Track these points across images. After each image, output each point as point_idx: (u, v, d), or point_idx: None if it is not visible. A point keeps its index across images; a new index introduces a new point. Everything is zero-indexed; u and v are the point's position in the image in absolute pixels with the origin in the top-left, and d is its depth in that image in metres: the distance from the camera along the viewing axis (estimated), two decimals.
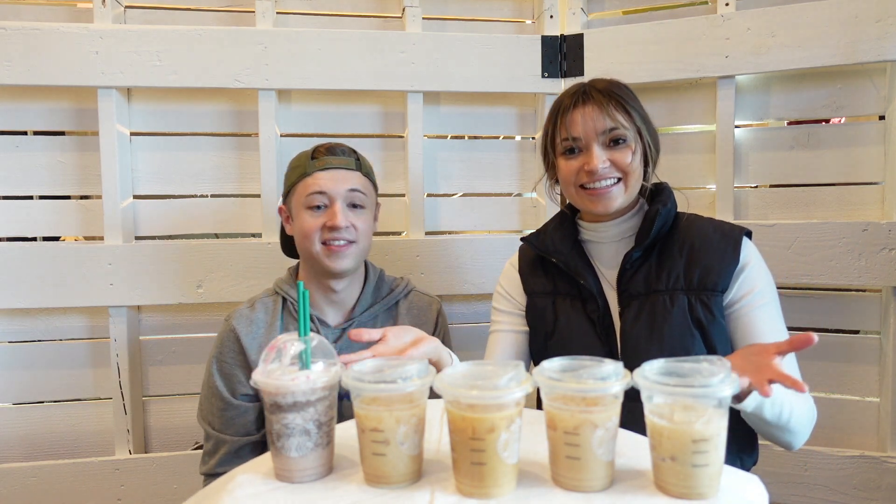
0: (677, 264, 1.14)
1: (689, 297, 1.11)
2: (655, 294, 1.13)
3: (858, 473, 1.54)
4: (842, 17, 1.48)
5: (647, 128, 1.17)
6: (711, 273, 1.11)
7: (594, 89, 1.15)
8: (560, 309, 1.21)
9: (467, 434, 0.70)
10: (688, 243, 1.15)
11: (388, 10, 1.74)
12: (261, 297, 1.36)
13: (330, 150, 1.30)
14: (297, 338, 0.81)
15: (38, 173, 1.62)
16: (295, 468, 0.77)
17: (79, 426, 1.67)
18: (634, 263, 1.16)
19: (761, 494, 0.72)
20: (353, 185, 1.28)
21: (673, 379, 0.70)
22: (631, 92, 1.19)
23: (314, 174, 1.27)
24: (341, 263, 1.27)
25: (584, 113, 1.13)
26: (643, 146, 1.16)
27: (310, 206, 1.26)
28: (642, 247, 1.15)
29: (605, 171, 1.13)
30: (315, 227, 1.26)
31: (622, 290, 1.16)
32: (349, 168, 1.29)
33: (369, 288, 1.36)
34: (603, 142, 1.14)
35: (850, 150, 1.57)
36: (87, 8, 1.59)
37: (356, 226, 1.27)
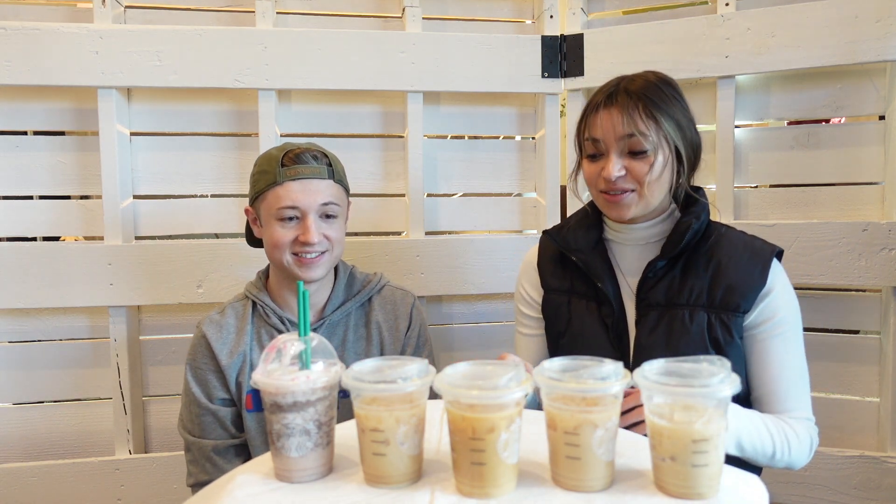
0: (702, 279, 1.09)
1: (710, 315, 1.08)
2: (675, 307, 1.09)
3: (858, 473, 1.54)
4: (842, 17, 1.48)
5: (681, 134, 1.10)
6: (735, 293, 1.07)
7: (624, 90, 1.09)
8: (574, 309, 1.18)
9: (467, 434, 0.70)
10: (715, 259, 1.10)
11: (388, 10, 1.74)
12: (231, 303, 1.34)
13: (299, 157, 1.24)
14: (296, 338, 0.81)
15: (38, 173, 1.62)
16: (295, 468, 0.77)
17: (79, 426, 1.67)
18: (658, 272, 1.12)
19: (761, 494, 0.72)
20: (326, 197, 1.23)
21: (673, 379, 0.70)
22: (671, 92, 1.11)
23: (284, 184, 1.22)
24: (313, 273, 1.25)
25: (609, 115, 1.08)
26: (672, 154, 1.09)
27: (281, 218, 1.22)
28: (668, 257, 1.11)
29: (621, 180, 1.08)
30: (286, 240, 1.22)
31: (641, 299, 1.12)
32: (321, 177, 1.24)
33: (340, 286, 1.33)
34: (621, 148, 1.08)
35: (850, 150, 1.56)
36: (87, 8, 1.59)
37: (329, 236, 1.24)
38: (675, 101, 1.10)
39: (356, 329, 1.33)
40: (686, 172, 1.12)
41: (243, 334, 1.29)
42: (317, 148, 1.28)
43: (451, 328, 1.80)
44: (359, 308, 1.35)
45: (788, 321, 1.10)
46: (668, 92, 1.10)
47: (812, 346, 1.60)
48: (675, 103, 1.10)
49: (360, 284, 1.37)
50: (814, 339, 1.61)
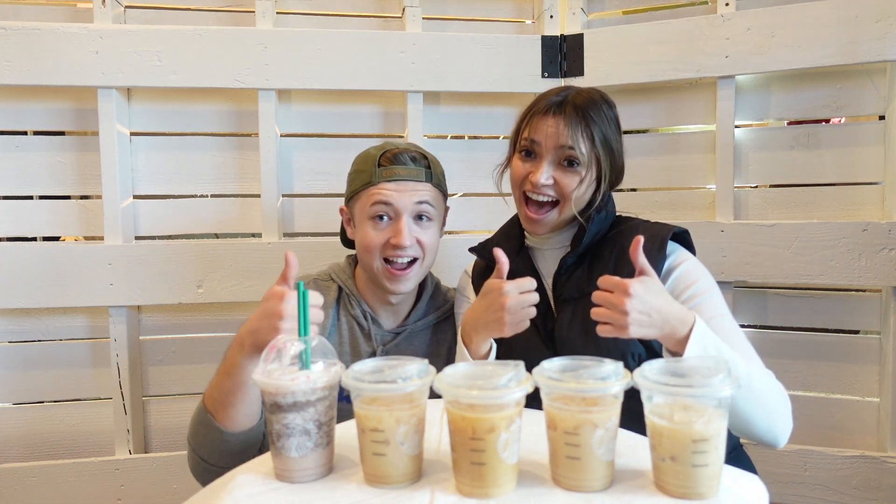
0: (607, 267, 1.13)
1: None
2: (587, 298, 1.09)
3: (858, 473, 1.54)
4: (842, 17, 1.48)
5: (610, 158, 1.15)
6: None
7: (571, 104, 1.13)
8: None
9: (467, 434, 0.70)
10: (618, 246, 1.15)
11: (388, 10, 1.74)
12: (314, 279, 1.31)
13: (398, 157, 1.21)
14: (296, 338, 0.81)
15: (38, 173, 1.62)
16: (295, 468, 0.77)
17: (79, 426, 1.67)
18: (569, 269, 1.16)
19: (761, 494, 0.72)
20: (422, 197, 1.21)
21: (673, 379, 0.70)
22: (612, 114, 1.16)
23: (380, 184, 1.20)
24: (402, 287, 1.22)
25: (554, 123, 1.12)
26: (595, 175, 1.14)
27: (373, 217, 1.20)
28: (576, 253, 1.15)
29: (546, 188, 1.13)
30: (378, 242, 1.20)
31: (557, 295, 1.17)
32: (418, 179, 1.22)
33: (425, 297, 1.32)
34: (556, 157, 1.13)
35: (850, 150, 1.56)
36: (87, 8, 1.59)
37: (422, 241, 1.21)
38: (612, 123, 1.16)
39: (430, 345, 1.30)
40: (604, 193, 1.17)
41: (327, 318, 1.25)
42: (416, 149, 1.25)
43: None
44: (436, 323, 1.33)
45: (704, 288, 1.10)
46: (608, 113, 1.15)
47: (812, 346, 1.60)
48: (611, 126, 1.15)
49: (442, 298, 1.36)
50: (814, 339, 1.61)
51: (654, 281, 0.95)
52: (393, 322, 1.31)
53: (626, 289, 0.91)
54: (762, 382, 1.02)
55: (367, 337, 1.27)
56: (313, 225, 1.73)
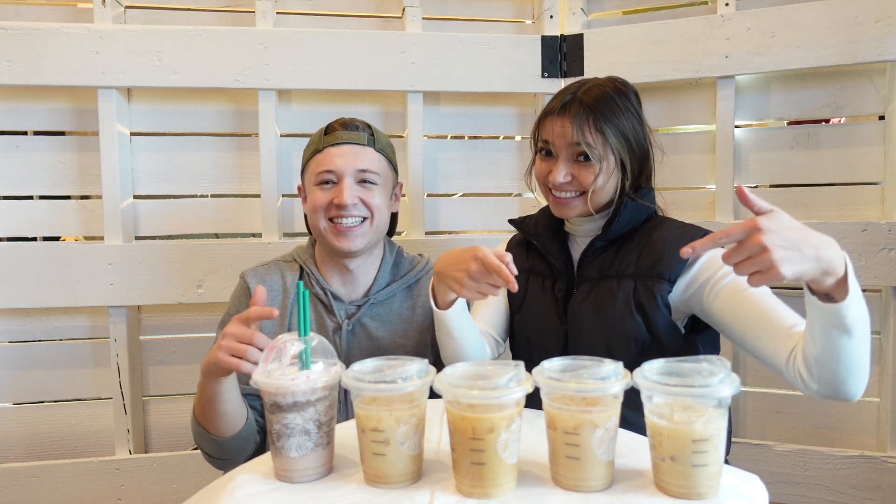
0: (632, 253, 1.15)
1: (636, 282, 1.12)
2: (607, 279, 1.16)
3: (858, 473, 1.54)
4: (842, 17, 1.48)
5: (627, 147, 1.15)
6: (661, 262, 1.11)
7: (579, 101, 1.14)
8: (531, 286, 1.24)
9: (467, 434, 0.70)
10: (647, 239, 1.16)
11: (388, 10, 1.74)
12: (277, 261, 1.33)
13: (343, 124, 1.27)
14: (297, 338, 0.81)
15: (38, 173, 1.62)
16: (295, 468, 0.77)
17: (79, 426, 1.67)
18: (597, 251, 1.18)
19: (761, 494, 0.72)
20: (363, 164, 1.24)
21: (673, 379, 0.70)
22: (625, 103, 1.16)
23: (325, 150, 1.25)
24: (350, 244, 1.23)
25: (561, 123, 1.14)
26: (616, 166, 1.15)
27: (319, 183, 1.24)
28: (606, 237, 1.17)
29: (565, 185, 1.16)
30: (322, 203, 1.23)
31: (580, 274, 1.19)
32: (360, 143, 1.26)
33: (386, 266, 1.33)
34: (569, 155, 1.15)
35: (850, 150, 1.56)
36: (87, 8, 1.59)
37: (367, 202, 1.24)
38: (626, 112, 1.16)
39: (400, 312, 1.32)
40: (630, 179, 1.17)
41: (287, 297, 1.28)
42: (362, 120, 1.30)
43: None
44: (405, 290, 1.33)
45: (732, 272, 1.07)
46: (621, 103, 1.15)
47: None
48: (626, 115, 1.15)
49: (407, 265, 1.36)
50: None
51: (782, 215, 0.84)
52: (356, 294, 1.31)
53: (755, 224, 0.80)
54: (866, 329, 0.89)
55: (329, 312, 1.27)
56: None
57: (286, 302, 1.28)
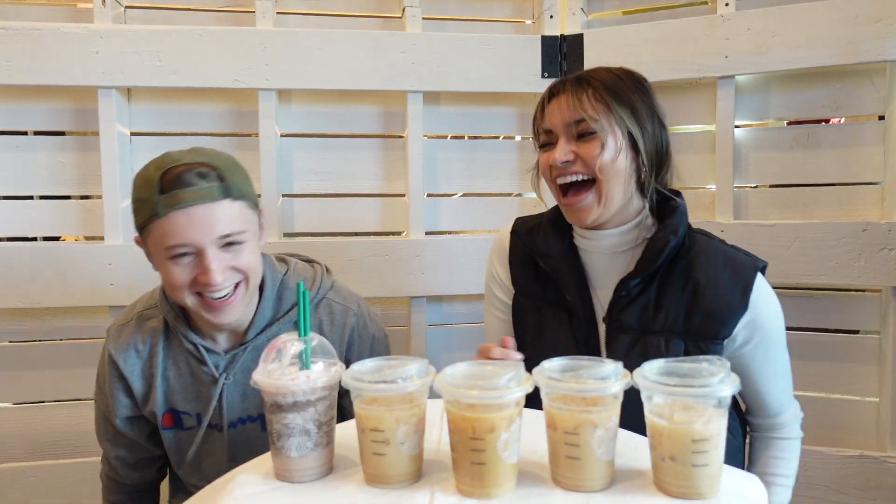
0: (678, 303, 1.02)
1: (687, 343, 1.01)
2: (650, 334, 1.02)
3: (858, 473, 1.54)
4: (842, 17, 1.48)
5: (636, 121, 1.02)
6: (715, 320, 1.00)
7: (575, 79, 1.05)
8: (545, 319, 1.10)
9: (467, 434, 0.70)
10: (693, 279, 1.02)
11: (388, 10, 1.74)
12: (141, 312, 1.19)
13: (181, 178, 0.99)
14: (297, 338, 0.81)
15: (38, 173, 1.62)
16: (295, 468, 0.77)
17: (79, 426, 1.67)
18: (631, 291, 1.03)
19: (761, 494, 0.73)
20: (223, 227, 1.01)
21: (673, 379, 0.70)
22: (634, 83, 1.06)
23: (168, 216, 0.98)
24: (227, 317, 1.06)
25: (557, 103, 1.04)
26: (626, 142, 1.01)
27: (171, 258, 1.01)
28: (642, 277, 1.02)
29: (569, 165, 1.01)
30: (184, 282, 1.03)
31: (613, 320, 1.04)
32: (211, 199, 1.00)
33: (267, 304, 1.14)
34: (570, 133, 1.03)
35: (850, 150, 1.56)
36: (87, 8, 1.59)
37: (239, 267, 1.04)
38: (636, 91, 1.05)
39: None
40: (650, 168, 1.03)
41: (156, 356, 1.15)
42: (202, 159, 1.03)
43: (451, 328, 1.79)
44: (291, 325, 1.15)
45: (772, 336, 1.05)
46: (628, 82, 1.05)
47: (812, 346, 1.60)
48: (636, 93, 1.04)
49: (292, 298, 1.16)
50: (814, 339, 1.61)
51: None
52: (232, 341, 1.16)
53: None
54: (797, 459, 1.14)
55: (202, 363, 1.14)
56: (313, 225, 1.72)
57: (154, 362, 1.15)
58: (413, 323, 1.72)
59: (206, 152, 1.06)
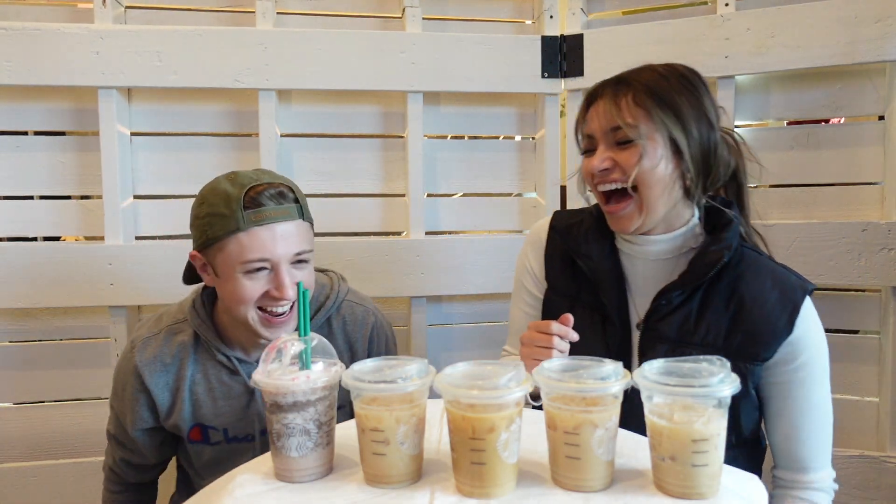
0: (721, 319, 0.98)
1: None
2: (687, 346, 0.98)
3: (858, 473, 1.54)
4: (842, 17, 1.48)
5: (680, 127, 0.97)
6: (757, 341, 0.97)
7: (615, 81, 1.01)
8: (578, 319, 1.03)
9: (467, 434, 0.70)
10: (738, 295, 0.98)
11: (388, 10, 1.74)
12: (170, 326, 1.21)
13: (264, 196, 1.06)
14: (297, 338, 0.81)
15: (38, 173, 1.62)
16: (295, 468, 0.77)
17: (79, 426, 1.67)
18: (672, 301, 1.00)
19: (761, 494, 0.73)
20: (300, 245, 1.08)
21: (673, 379, 0.70)
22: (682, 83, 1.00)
23: (250, 232, 1.04)
24: (281, 332, 1.11)
25: (595, 109, 1.01)
26: (668, 149, 0.97)
27: (248, 271, 1.06)
28: (685, 290, 0.99)
29: (607, 173, 0.98)
30: (255, 295, 1.07)
31: (650, 328, 1.01)
32: (292, 218, 1.07)
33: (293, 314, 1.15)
34: (609, 141, 0.99)
35: (850, 150, 1.56)
36: (88, 8, 1.59)
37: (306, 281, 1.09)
38: (683, 92, 0.99)
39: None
40: (695, 174, 0.98)
41: (184, 370, 1.18)
42: (280, 181, 1.11)
43: (451, 328, 1.80)
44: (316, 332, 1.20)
45: (813, 363, 1.00)
46: (675, 83, 0.99)
47: None
48: (682, 94, 0.98)
49: (314, 304, 1.21)
50: None
51: None
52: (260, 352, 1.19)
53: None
54: None
55: (235, 375, 1.18)
56: (314, 225, 1.72)
57: (183, 375, 1.18)
58: (413, 323, 1.72)
59: (274, 174, 1.13)
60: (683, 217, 1.03)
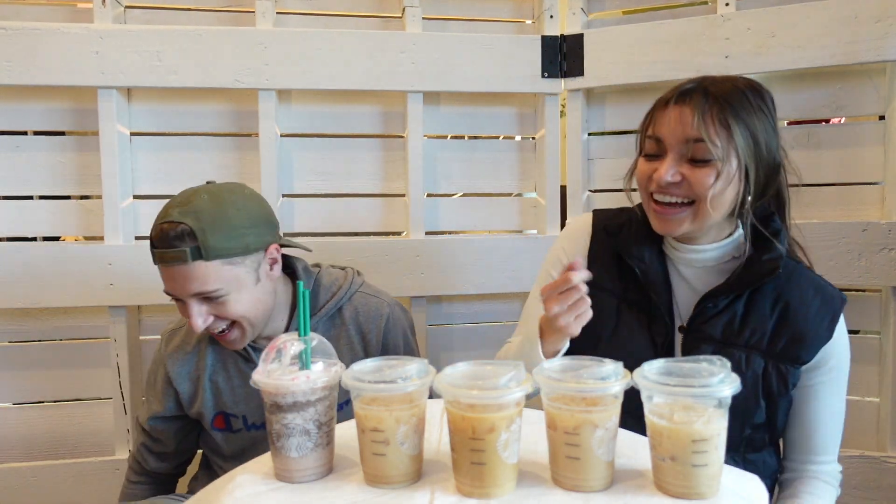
0: (766, 322, 1.01)
1: (767, 362, 1.00)
2: (731, 347, 1.00)
3: (858, 473, 1.54)
4: (842, 17, 1.48)
5: (755, 151, 0.97)
6: (800, 344, 1.00)
7: (703, 90, 0.97)
8: (624, 318, 1.07)
9: (467, 434, 0.70)
10: (783, 300, 1.01)
11: (388, 10, 1.74)
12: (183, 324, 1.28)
13: (161, 238, 1.08)
14: (297, 338, 0.81)
15: (38, 173, 1.62)
16: (295, 468, 0.77)
17: (79, 426, 1.67)
18: (718, 304, 1.02)
19: (761, 494, 0.73)
20: (196, 287, 1.07)
21: (673, 379, 0.70)
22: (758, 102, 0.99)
23: (159, 267, 1.11)
24: (235, 346, 1.19)
25: (678, 113, 0.97)
26: (739, 172, 0.97)
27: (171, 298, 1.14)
28: (730, 295, 1.01)
29: (672, 187, 0.97)
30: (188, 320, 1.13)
31: (694, 329, 1.03)
32: (183, 262, 1.06)
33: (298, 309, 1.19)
34: (683, 152, 0.97)
35: (850, 150, 1.56)
36: (87, 8, 1.59)
37: (222, 315, 1.11)
38: (759, 112, 0.98)
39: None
40: (755, 196, 1.00)
41: (203, 360, 1.25)
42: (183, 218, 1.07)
43: (451, 328, 1.80)
44: (327, 321, 1.24)
45: (840, 368, 1.05)
46: (753, 101, 0.98)
47: None
48: (759, 115, 0.98)
49: (326, 294, 1.24)
50: None
51: None
52: None
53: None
54: None
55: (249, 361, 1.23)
56: (313, 225, 1.73)
57: (201, 364, 1.24)
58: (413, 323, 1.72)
59: (194, 204, 1.09)
60: (728, 228, 1.05)
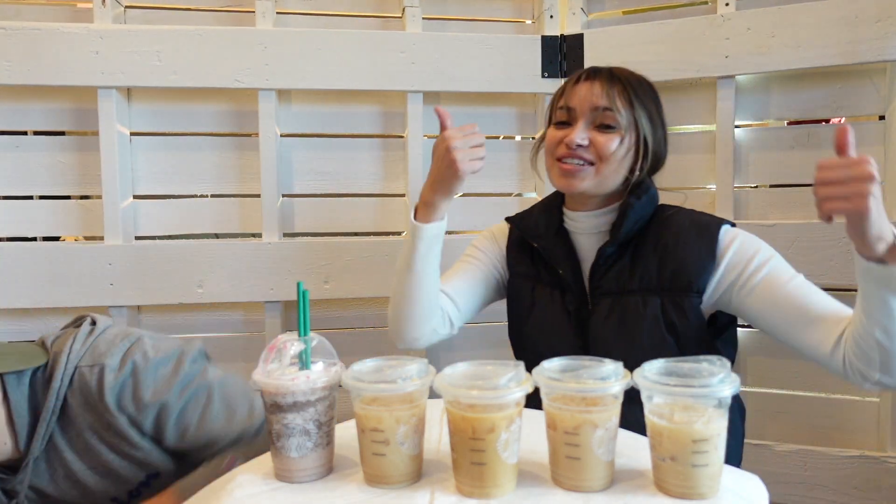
0: (651, 263, 1.09)
1: (662, 298, 1.07)
2: (628, 294, 1.09)
3: (858, 473, 1.54)
4: (842, 17, 1.48)
5: (651, 127, 1.12)
6: (684, 272, 1.06)
7: (608, 70, 1.14)
8: (539, 296, 1.18)
9: (467, 434, 0.70)
10: (662, 241, 1.10)
11: (388, 10, 1.74)
12: None
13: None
14: (297, 338, 0.81)
15: (38, 173, 1.62)
16: (295, 468, 0.77)
17: None
18: (608, 259, 1.12)
19: (761, 494, 0.72)
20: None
21: (673, 379, 0.70)
22: (651, 92, 1.16)
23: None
24: None
25: (589, 86, 1.11)
26: (637, 142, 1.11)
27: None
28: (615, 242, 1.11)
29: (581, 149, 1.09)
30: None
31: (594, 287, 1.13)
32: None
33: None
34: (592, 119, 1.10)
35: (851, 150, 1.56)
36: (87, 8, 1.59)
37: None
38: (652, 100, 1.15)
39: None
40: (645, 168, 1.13)
41: None
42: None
43: None
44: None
45: (765, 255, 1.06)
46: (647, 90, 1.15)
47: None
48: (652, 101, 1.15)
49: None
50: None
51: None
52: None
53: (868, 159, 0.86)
54: None
55: None
56: (313, 225, 1.73)
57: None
58: None
59: None
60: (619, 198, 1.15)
